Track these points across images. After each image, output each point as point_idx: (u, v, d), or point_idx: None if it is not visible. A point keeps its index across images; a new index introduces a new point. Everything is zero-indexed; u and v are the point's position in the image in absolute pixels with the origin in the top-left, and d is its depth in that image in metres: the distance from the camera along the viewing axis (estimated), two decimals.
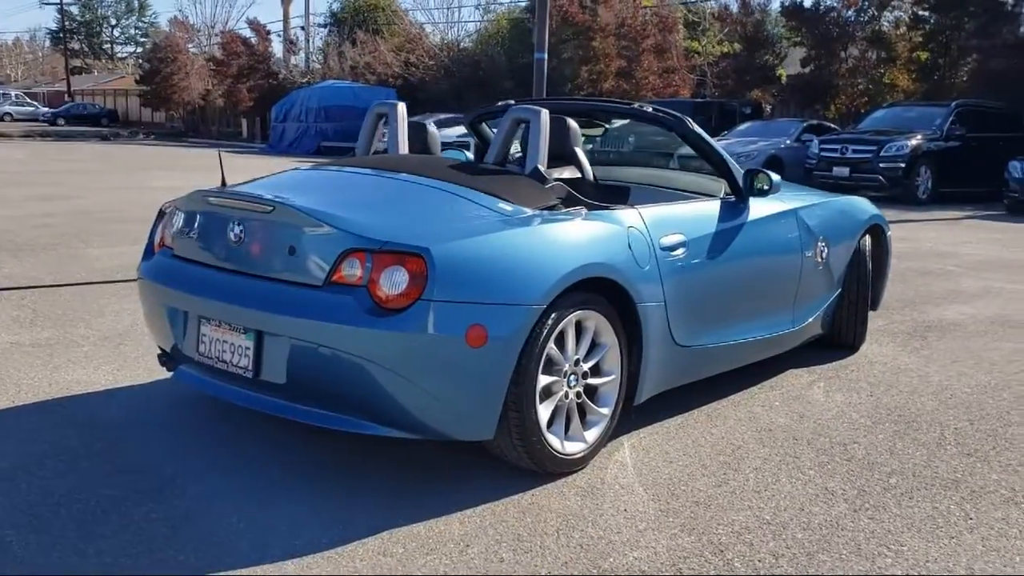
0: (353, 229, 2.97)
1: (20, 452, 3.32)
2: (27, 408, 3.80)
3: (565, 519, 2.92)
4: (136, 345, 4.80)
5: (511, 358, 2.97)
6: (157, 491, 3.03)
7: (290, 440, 3.50)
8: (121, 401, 3.95)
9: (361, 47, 36.28)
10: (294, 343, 2.99)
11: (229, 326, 3.17)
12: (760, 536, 2.84)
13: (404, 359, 2.88)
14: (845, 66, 22.91)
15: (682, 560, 2.68)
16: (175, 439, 3.52)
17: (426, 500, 3.02)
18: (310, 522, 2.84)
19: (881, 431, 3.82)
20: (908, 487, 3.25)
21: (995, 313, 6.36)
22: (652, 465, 3.39)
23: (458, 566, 2.60)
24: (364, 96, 32.37)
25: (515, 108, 3.80)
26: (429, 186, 3.37)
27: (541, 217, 3.29)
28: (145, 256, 3.69)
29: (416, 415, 2.96)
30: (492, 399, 2.98)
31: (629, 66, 26.49)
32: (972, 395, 4.37)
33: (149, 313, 3.61)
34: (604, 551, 2.71)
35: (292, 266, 3.05)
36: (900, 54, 21.78)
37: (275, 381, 3.08)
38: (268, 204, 3.09)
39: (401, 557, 2.65)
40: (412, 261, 2.89)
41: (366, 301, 2.91)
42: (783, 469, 3.39)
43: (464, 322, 2.89)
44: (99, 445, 3.42)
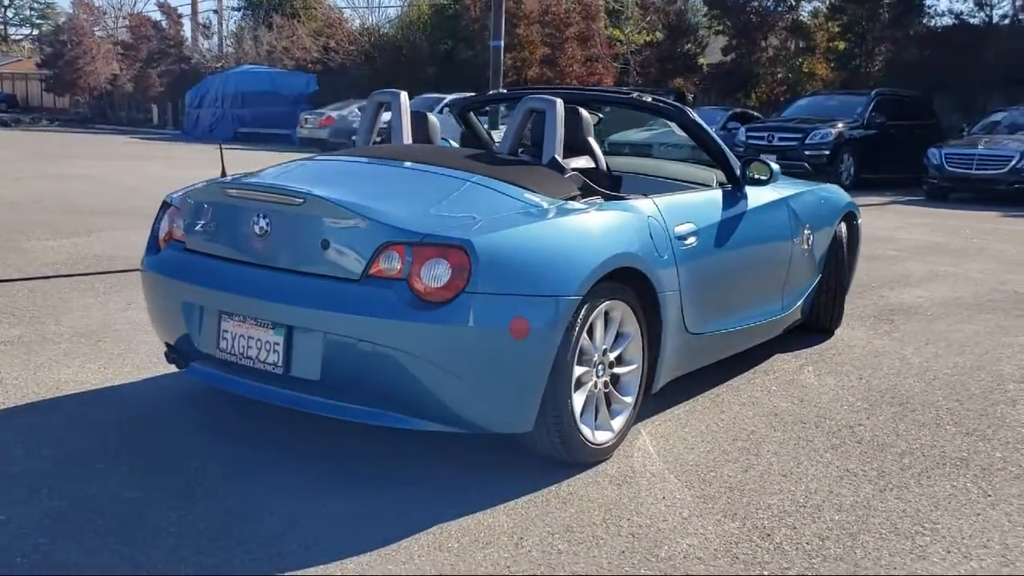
0: (390, 221, 2.92)
1: (31, 457, 3.18)
2: (22, 410, 3.64)
3: (608, 509, 2.93)
4: (116, 342, 4.64)
5: (551, 349, 2.97)
6: (187, 493, 2.94)
7: (312, 435, 3.43)
8: (120, 400, 3.81)
9: (278, 31, 35.54)
10: (331, 338, 2.93)
11: (255, 321, 3.09)
12: (800, 519, 2.90)
13: (448, 352, 2.85)
14: (765, 55, 23.44)
15: (733, 545, 2.72)
16: (190, 438, 3.42)
17: (467, 494, 3.00)
18: (356, 519, 2.79)
19: (880, 413, 3.95)
20: (922, 467, 3.36)
21: (947, 296, 6.62)
22: (674, 452, 3.44)
23: (518, 559, 2.60)
24: (282, 81, 31.79)
25: (529, 98, 3.78)
26: (454, 177, 3.33)
27: (570, 207, 3.30)
28: (149, 250, 3.57)
29: (456, 408, 2.93)
30: (533, 391, 2.97)
31: (553, 54, 26.57)
32: (953, 376, 4.54)
33: (157, 308, 3.49)
34: (656, 539, 2.74)
35: (325, 260, 2.99)
36: (819, 44, 22.39)
37: (308, 377, 3.01)
38: (298, 196, 3.02)
39: (458, 551, 2.63)
40: (454, 254, 2.86)
41: (407, 295, 2.87)
42: (800, 452, 3.47)
43: (507, 314, 2.87)
44: (111, 446, 3.29)
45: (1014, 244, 9.69)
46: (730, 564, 2.60)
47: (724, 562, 2.62)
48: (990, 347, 5.12)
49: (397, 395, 2.92)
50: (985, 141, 15.21)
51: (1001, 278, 7.44)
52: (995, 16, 20.25)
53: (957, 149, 15.04)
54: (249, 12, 40.59)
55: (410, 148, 3.93)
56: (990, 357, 4.91)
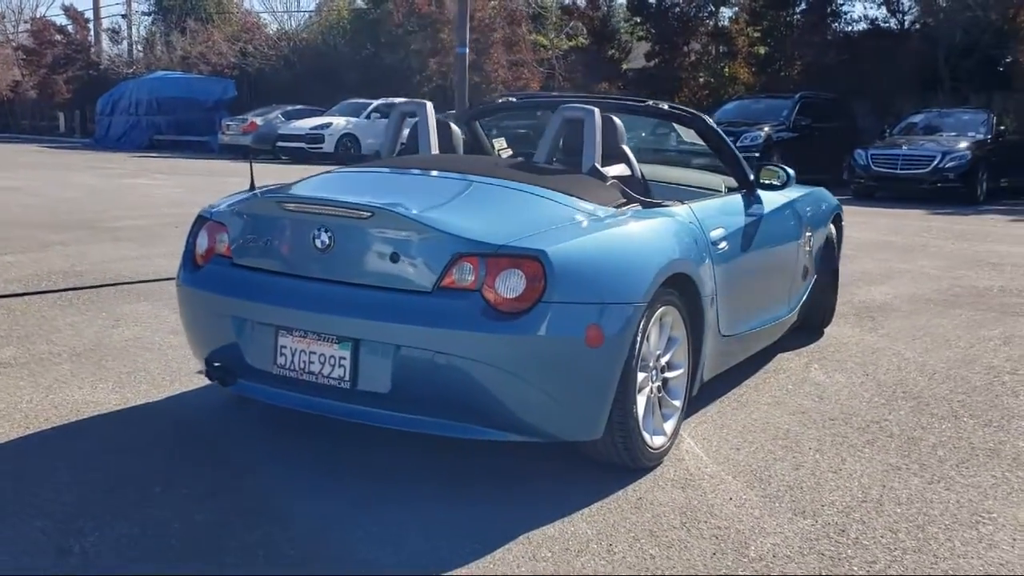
0: (463, 233, 2.92)
1: (81, 483, 3.06)
2: (51, 435, 3.50)
3: (682, 512, 2.98)
4: (119, 360, 4.49)
5: (622, 356, 3.00)
6: (259, 511, 2.88)
7: (349, 449, 3.39)
8: (148, 420, 3.70)
9: (192, 36, 34.74)
10: (403, 350, 2.91)
11: (318, 336, 3.04)
12: (865, 514, 3.00)
13: (525, 362, 2.86)
14: (688, 60, 23.89)
15: (814, 542, 2.79)
16: (236, 456, 3.34)
17: (537, 504, 3.00)
18: (441, 531, 2.77)
19: (899, 407, 4.09)
20: (957, 458, 3.50)
21: (913, 292, 6.88)
22: (722, 453, 3.50)
23: (615, 565, 2.62)
24: (199, 87, 31.06)
25: (566, 107, 3.81)
26: (507, 187, 3.33)
27: (625, 215, 3.34)
28: (187, 266, 3.47)
29: (530, 418, 2.94)
30: (605, 398, 3.00)
31: (479, 59, 26.59)
32: (951, 369, 4.73)
33: (198, 325, 3.40)
34: (739, 540, 2.79)
35: (395, 272, 2.96)
36: (740, 49, 22.95)
37: (377, 391, 2.98)
38: (366, 210, 2.98)
39: (554, 560, 2.64)
40: (528, 264, 2.87)
41: (482, 306, 2.87)
42: (840, 449, 3.57)
43: (583, 323, 2.90)
44: (160, 469, 3.20)
45: (952, 241, 10.11)
46: (819, 561, 2.67)
47: (812, 559, 2.69)
48: (972, 341, 5.34)
49: (469, 406, 2.92)
50: (907, 142, 15.86)
51: (954, 274, 7.76)
52: (906, 22, 21.06)
53: (882, 150, 15.64)
54: (160, 17, 39.53)
55: (452, 159, 3.92)
56: (976, 351, 5.13)
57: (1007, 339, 5.42)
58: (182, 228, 4.08)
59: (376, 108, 24.41)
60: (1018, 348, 5.21)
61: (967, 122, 16.60)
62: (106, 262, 7.18)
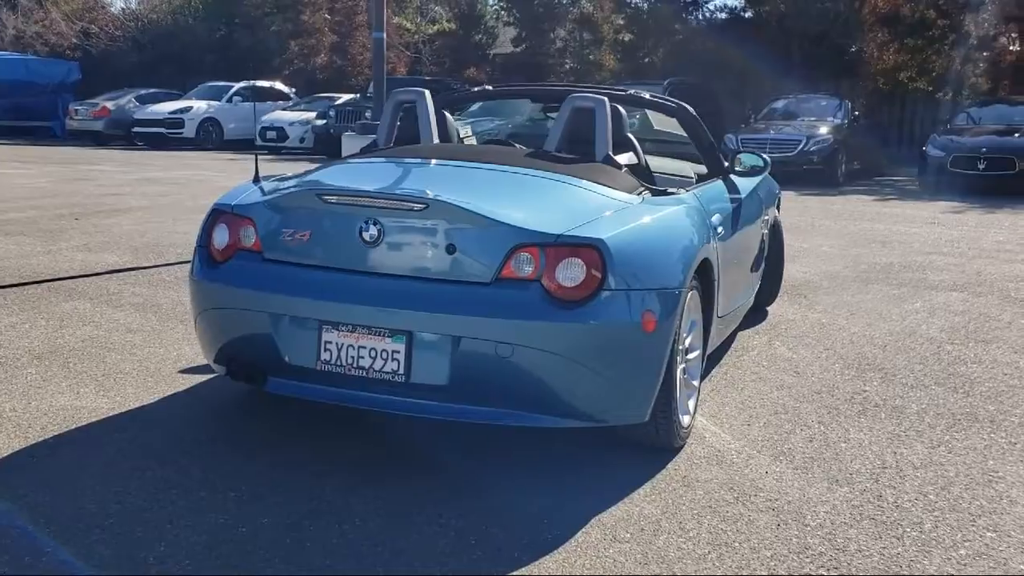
0: (521, 224, 2.93)
1: (119, 495, 2.90)
2: (56, 444, 3.29)
3: (729, 488, 3.10)
4: (87, 362, 4.25)
5: (670, 340, 3.10)
6: (319, 512, 2.81)
7: (401, 442, 3.37)
8: (155, 424, 3.52)
9: (26, 15, 32.54)
10: (462, 342, 2.90)
11: (368, 330, 2.99)
12: (892, 479, 3.20)
13: (588, 349, 2.91)
14: (554, 47, 24.23)
15: (859, 507, 2.97)
16: (268, 457, 3.23)
17: (593, 488, 3.06)
18: (516, 521, 2.79)
19: (870, 379, 4.36)
20: (945, 424, 3.78)
21: (827, 270, 7.29)
22: (736, 429, 3.66)
23: (694, 542, 2.71)
24: (40, 70, 29.09)
25: (576, 97, 3.85)
26: (545, 178, 3.36)
27: (656, 203, 3.42)
28: (203, 261, 3.33)
29: (583, 403, 2.99)
30: (655, 381, 3.09)
31: (343, 41, 26.16)
32: (898, 341, 5.07)
33: (222, 323, 3.26)
34: (794, 511, 2.94)
35: (450, 264, 2.95)
36: (606, 36, 23.45)
37: (433, 383, 2.97)
38: (420, 201, 2.95)
39: (633, 541, 2.70)
40: (587, 253, 2.91)
41: (543, 295, 2.90)
42: (840, 420, 3.79)
43: (638, 308, 2.97)
44: (197, 474, 3.06)
45: (834, 221, 10.73)
46: (875, 526, 2.85)
47: (868, 525, 2.86)
48: (902, 314, 5.74)
49: (527, 394, 2.94)
50: (773, 127, 16.66)
51: (852, 252, 8.26)
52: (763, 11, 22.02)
53: (751, 134, 16.36)
54: None
55: (471, 149, 3.92)
56: (910, 323, 5.51)
57: (931, 311, 5.84)
58: (84, 220, 3.89)
59: (238, 91, 23.64)
60: (942, 318, 5.63)
61: (824, 108, 17.56)
62: (10, 258, 6.72)
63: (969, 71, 19.92)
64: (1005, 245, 8.98)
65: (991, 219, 11.26)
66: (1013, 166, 14.12)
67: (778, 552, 2.66)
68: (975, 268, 7.52)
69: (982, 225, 10.63)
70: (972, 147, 14.51)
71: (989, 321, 5.60)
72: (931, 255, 8.19)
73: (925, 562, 2.63)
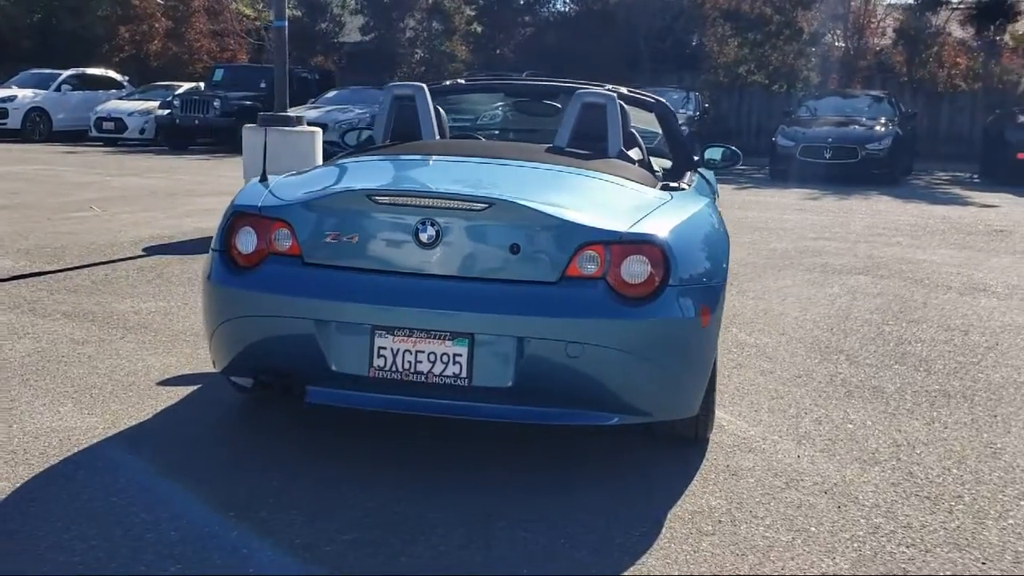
0: (586, 222, 2.91)
1: (171, 520, 2.69)
2: (68, 471, 3.00)
3: (774, 474, 3.19)
4: (49, 378, 3.90)
5: (719, 333, 3.16)
6: (400, 523, 2.71)
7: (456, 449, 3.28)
8: (167, 442, 3.28)
9: None
10: (528, 342, 2.86)
11: (427, 334, 2.90)
12: (911, 456, 3.39)
13: (655, 345, 2.93)
14: (404, 36, 24.00)
15: (898, 484, 3.13)
16: (303, 469, 3.08)
17: (647, 482, 3.10)
18: (598, 520, 2.79)
19: (836, 361, 4.59)
20: (927, 401, 4.02)
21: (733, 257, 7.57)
22: (747, 416, 3.77)
23: (774, 530, 2.78)
24: None
25: (585, 93, 3.84)
26: (579, 174, 3.35)
27: (686, 198, 3.47)
28: (226, 267, 3.11)
29: (644, 400, 3.00)
30: (707, 375, 3.14)
31: (178, 27, 24.96)
32: (840, 324, 5.35)
33: (253, 332, 3.05)
34: (845, 492, 3.06)
35: (514, 264, 2.89)
36: (458, 26, 23.43)
37: (496, 385, 2.90)
38: (482, 201, 2.87)
39: (720, 532, 2.75)
40: (651, 250, 2.93)
41: (610, 293, 2.89)
42: (833, 402, 3.97)
43: (696, 304, 3.01)
44: (242, 495, 2.88)
45: None
46: (923, 502, 3.01)
47: (916, 500, 3.02)
48: (829, 298, 6.06)
49: (591, 393, 2.93)
50: None
51: (745, 239, 8.61)
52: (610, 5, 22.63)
53: None
54: None
55: (489, 144, 3.83)
56: (840, 306, 5.83)
57: (851, 294, 6.20)
58: None
59: (67, 80, 22.11)
60: (865, 301, 5.99)
61: (676, 100, 18.21)
62: None
63: (802, 65, 21.18)
64: (875, 229, 9.63)
65: (848, 205, 12.04)
66: (856, 155, 15.16)
67: (855, 534, 2.78)
68: (864, 252, 8.03)
69: (843, 211, 11.35)
70: (819, 137, 15.46)
71: (906, 302, 6.00)
72: (817, 240, 8.67)
73: (986, 533, 2.81)
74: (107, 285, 5.71)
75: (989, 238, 9.11)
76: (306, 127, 7.92)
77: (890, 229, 9.63)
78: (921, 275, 6.95)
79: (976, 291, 6.40)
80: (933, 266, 7.38)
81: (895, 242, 8.70)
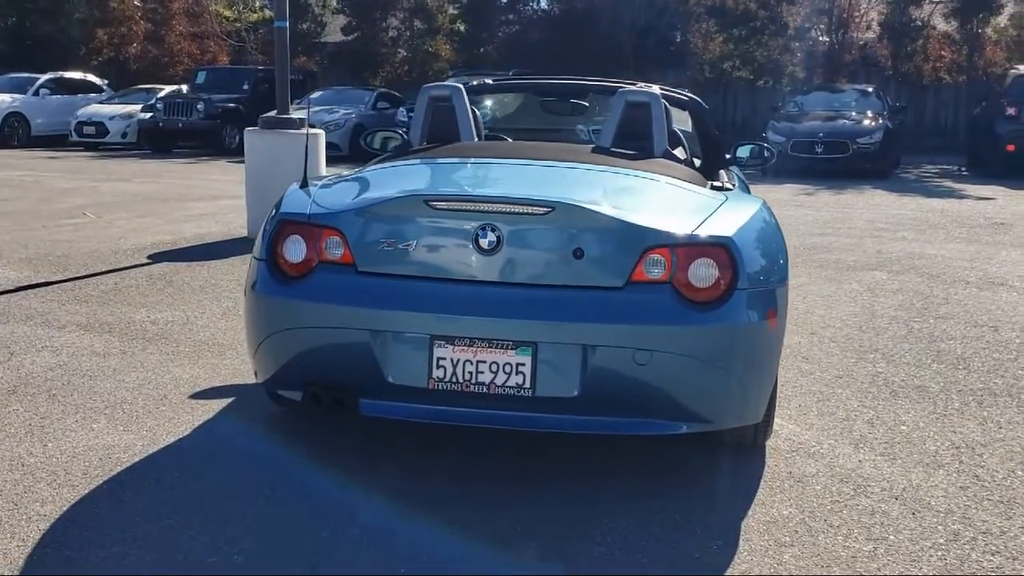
0: (651, 225, 2.82)
1: (242, 542, 2.58)
2: (116, 490, 2.88)
3: (841, 480, 3.11)
4: (76, 392, 3.76)
5: (783, 336, 3.08)
6: (456, 533, 2.62)
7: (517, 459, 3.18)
8: (216, 460, 3.16)
9: None
10: (596, 350, 2.77)
11: (488, 343, 2.80)
12: (972, 458, 3.31)
13: (726, 351, 2.85)
14: (387, 35, 23.83)
15: (967, 488, 3.05)
16: (378, 482, 2.98)
17: (711, 492, 3.04)
18: (666, 533, 2.70)
19: (873, 360, 4.52)
20: (974, 401, 3.95)
21: None
22: (798, 419, 3.68)
23: (854, 539, 2.70)
24: None
25: (628, 91, 3.75)
26: (634, 175, 3.27)
27: (741, 198, 3.38)
28: (273, 276, 2.99)
29: (710, 407, 2.92)
30: (773, 379, 3.07)
31: (158, 30, 24.67)
32: (868, 322, 5.29)
33: (303, 344, 2.94)
34: (916, 498, 2.98)
35: (580, 269, 2.80)
36: (441, 25, 23.28)
37: (561, 395, 2.81)
38: (545, 205, 2.77)
39: (799, 544, 2.66)
40: (719, 253, 2.84)
41: (677, 298, 2.80)
42: (881, 403, 3.89)
43: (765, 307, 2.93)
44: (297, 511, 2.78)
45: None
46: (995, 506, 2.94)
47: (989, 505, 2.95)
48: (848, 294, 6.01)
49: (658, 401, 2.84)
50: None
51: None
52: (595, 1, 22.56)
53: (596, 125, 16.70)
54: None
55: (538, 146, 3.72)
56: (863, 304, 5.78)
57: (871, 291, 6.15)
58: None
59: (45, 83, 21.78)
60: (886, 298, 5.94)
61: None
62: None
63: (787, 60, 21.21)
64: (877, 224, 9.60)
65: (845, 200, 12.02)
66: (847, 149, 15.17)
67: (936, 542, 2.70)
68: (873, 247, 8.00)
69: (841, 206, 11.33)
70: (810, 132, 15.47)
71: (927, 298, 5.95)
72: (824, 236, 8.63)
73: None
74: (118, 294, 5.56)
75: (992, 231, 9.11)
76: (310, 129, 7.78)
77: (893, 224, 9.61)
78: (935, 270, 6.92)
79: (994, 286, 6.37)
80: (945, 261, 7.35)
81: (901, 237, 8.68)
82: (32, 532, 2.60)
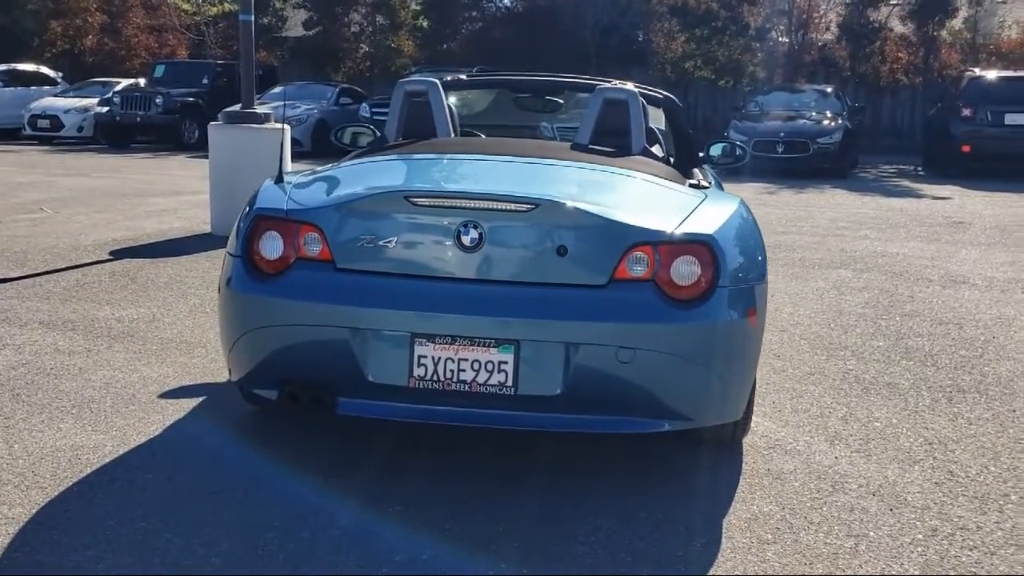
0: (633, 222, 2.81)
1: (215, 544, 2.53)
2: (84, 492, 2.81)
3: (819, 477, 3.12)
4: (41, 391, 3.67)
5: (763, 333, 3.09)
6: (476, 533, 2.59)
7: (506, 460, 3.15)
8: (190, 459, 3.10)
9: None
10: (577, 348, 2.75)
11: (470, 341, 2.77)
12: (945, 454, 3.35)
13: (708, 349, 2.84)
14: (349, 30, 23.64)
15: (942, 484, 3.09)
16: (364, 482, 2.93)
17: (693, 488, 3.03)
18: (646, 531, 2.70)
19: (843, 358, 4.56)
20: (944, 397, 4.00)
21: None
22: (773, 416, 3.70)
23: (835, 535, 2.71)
24: None
25: (606, 89, 3.73)
26: (614, 172, 3.25)
27: (720, 196, 3.38)
28: (248, 273, 2.93)
29: (692, 405, 2.91)
30: (753, 377, 3.07)
31: (114, 22, 24.23)
32: (836, 320, 5.34)
33: (286, 343, 2.88)
34: (893, 494, 3.00)
35: (563, 267, 2.78)
36: (404, 21, 23.13)
37: (543, 393, 2.79)
38: (528, 202, 2.75)
39: (781, 541, 2.67)
40: (700, 250, 2.84)
41: (660, 295, 2.80)
42: (853, 399, 3.92)
43: (745, 304, 2.93)
44: (280, 512, 2.73)
45: None
46: (972, 501, 2.97)
47: (965, 500, 2.98)
48: (816, 293, 6.06)
49: (642, 399, 2.83)
50: None
51: None
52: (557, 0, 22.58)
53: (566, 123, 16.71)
54: None
55: (517, 142, 3.70)
56: (829, 301, 5.83)
57: (837, 289, 6.21)
58: None
59: None
60: (852, 296, 6.00)
61: None
62: None
63: (748, 60, 21.38)
64: (839, 223, 9.71)
65: (806, 199, 12.15)
66: (807, 148, 15.35)
67: (915, 538, 2.72)
68: (836, 246, 8.08)
69: (802, 205, 11.45)
70: (771, 132, 15.62)
71: (893, 296, 6.02)
72: (787, 234, 8.71)
73: None
74: (80, 291, 5.44)
75: (951, 230, 9.25)
76: (275, 124, 7.68)
77: (854, 223, 9.72)
78: (898, 268, 7.01)
79: (956, 283, 6.46)
80: (907, 259, 7.44)
81: (863, 235, 8.78)
82: (0, 536, 2.53)
